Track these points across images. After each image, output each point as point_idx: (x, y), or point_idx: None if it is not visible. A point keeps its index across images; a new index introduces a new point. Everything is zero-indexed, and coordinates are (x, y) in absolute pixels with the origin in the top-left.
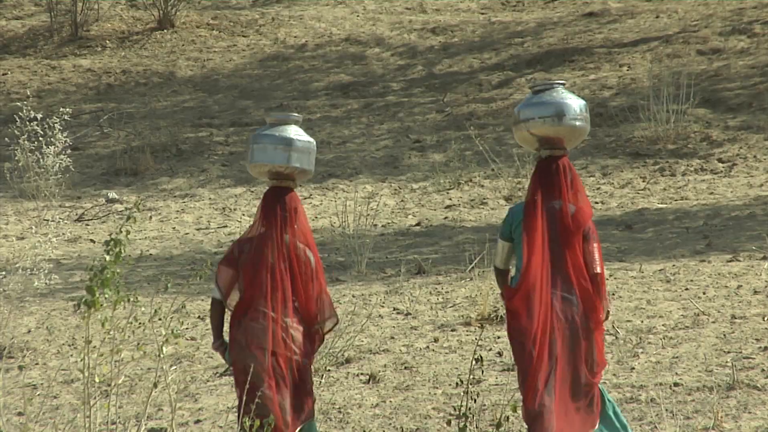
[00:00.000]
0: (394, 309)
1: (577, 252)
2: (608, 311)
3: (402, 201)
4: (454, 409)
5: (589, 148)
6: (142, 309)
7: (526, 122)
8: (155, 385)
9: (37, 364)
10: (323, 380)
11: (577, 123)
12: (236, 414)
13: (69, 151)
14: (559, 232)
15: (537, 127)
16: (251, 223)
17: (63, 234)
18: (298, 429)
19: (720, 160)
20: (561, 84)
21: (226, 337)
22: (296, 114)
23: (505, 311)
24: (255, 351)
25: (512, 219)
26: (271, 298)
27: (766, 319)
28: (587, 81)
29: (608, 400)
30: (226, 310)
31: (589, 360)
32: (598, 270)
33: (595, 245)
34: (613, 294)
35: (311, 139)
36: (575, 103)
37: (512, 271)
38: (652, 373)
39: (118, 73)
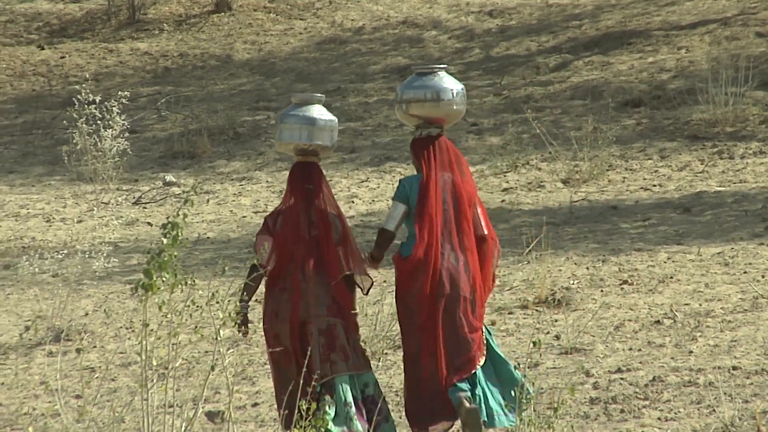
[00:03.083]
0: None
1: (469, 220)
2: (493, 275)
3: None
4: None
5: (647, 131)
6: (200, 292)
7: (406, 103)
8: (212, 368)
9: (94, 347)
10: (380, 363)
11: (454, 107)
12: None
13: (126, 134)
14: (451, 202)
15: (417, 108)
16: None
17: (121, 217)
18: (351, 382)
19: None
20: (442, 68)
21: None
22: (319, 94)
23: (396, 281)
24: (281, 322)
25: (409, 188)
26: (302, 268)
27: None
28: (645, 64)
29: (491, 341)
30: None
31: (469, 318)
32: (485, 231)
33: (479, 210)
34: (671, 277)
35: (333, 117)
36: (453, 87)
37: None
38: (710, 356)
39: (175, 57)
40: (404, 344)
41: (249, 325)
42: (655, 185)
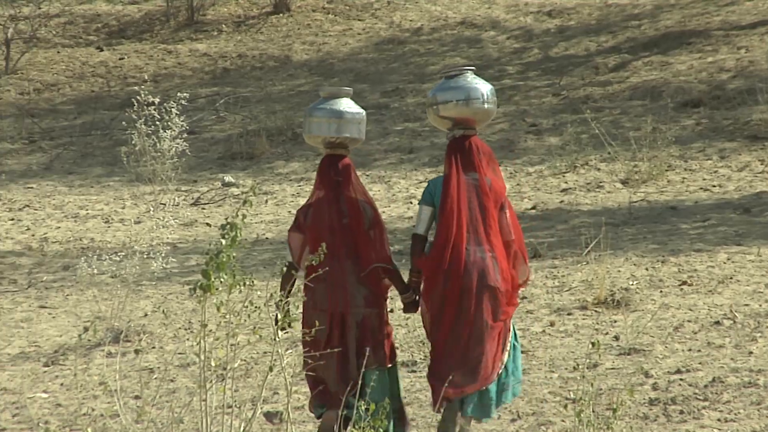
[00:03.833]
0: None
1: (494, 219)
2: (526, 279)
3: (518, 184)
4: (571, 394)
5: (706, 132)
6: (258, 293)
7: (439, 105)
8: (271, 369)
9: (153, 347)
10: None
11: (486, 106)
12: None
13: (185, 135)
14: (478, 201)
15: (449, 109)
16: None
17: (179, 218)
18: (373, 376)
19: None
20: (471, 69)
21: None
22: (347, 87)
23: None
24: (318, 313)
25: (434, 188)
26: (335, 258)
27: None
28: (705, 63)
29: (514, 336)
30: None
31: (495, 312)
32: (512, 237)
33: (508, 213)
34: (731, 278)
35: (361, 110)
36: (483, 88)
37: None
38: None
39: (233, 57)
40: (429, 336)
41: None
42: (714, 186)
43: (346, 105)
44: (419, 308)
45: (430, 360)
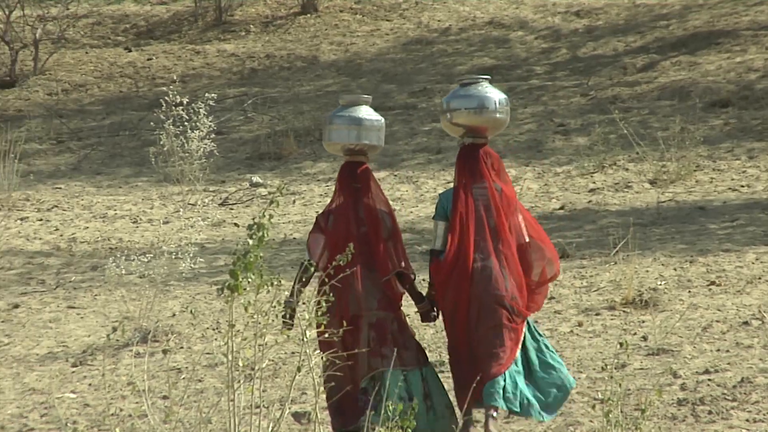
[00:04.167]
0: None
1: (505, 227)
2: (554, 274)
3: (546, 185)
4: (599, 394)
5: (734, 131)
6: (286, 293)
7: (451, 112)
8: (299, 369)
9: (181, 347)
10: None
11: (497, 115)
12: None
13: (213, 135)
14: (487, 211)
15: (461, 117)
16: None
17: (207, 218)
18: (397, 379)
19: None
20: (486, 79)
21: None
22: (366, 95)
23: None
24: (333, 318)
25: (446, 202)
26: (352, 265)
27: None
28: (733, 64)
29: (534, 333)
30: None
31: (509, 317)
32: (527, 239)
33: (521, 217)
34: (760, 278)
35: (380, 118)
36: (496, 97)
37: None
38: None
39: (261, 58)
40: (449, 345)
41: (295, 322)
42: (742, 185)
43: (366, 112)
44: (436, 319)
45: (451, 366)
